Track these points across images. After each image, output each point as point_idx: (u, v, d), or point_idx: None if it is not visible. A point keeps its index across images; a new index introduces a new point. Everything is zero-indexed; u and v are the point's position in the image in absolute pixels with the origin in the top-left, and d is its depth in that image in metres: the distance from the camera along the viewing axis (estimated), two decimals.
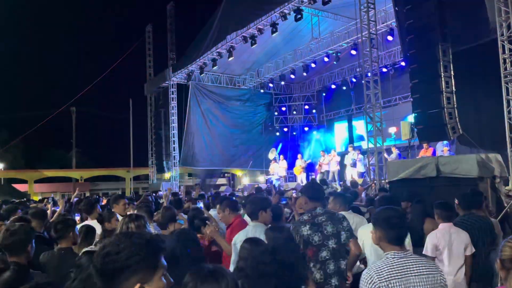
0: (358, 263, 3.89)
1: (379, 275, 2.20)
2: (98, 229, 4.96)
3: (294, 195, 9.36)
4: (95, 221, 5.12)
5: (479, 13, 8.89)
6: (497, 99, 8.10)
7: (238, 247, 2.90)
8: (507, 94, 7.91)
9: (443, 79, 8.54)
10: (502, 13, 7.99)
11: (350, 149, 16.11)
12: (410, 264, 2.25)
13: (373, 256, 3.78)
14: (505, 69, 7.90)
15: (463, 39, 9.36)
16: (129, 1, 57.59)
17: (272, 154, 18.34)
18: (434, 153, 12.10)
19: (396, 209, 2.65)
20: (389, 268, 2.22)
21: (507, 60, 7.89)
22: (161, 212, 5.08)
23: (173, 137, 21.32)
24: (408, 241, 3.89)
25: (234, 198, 6.59)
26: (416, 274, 2.21)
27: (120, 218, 5.20)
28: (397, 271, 2.20)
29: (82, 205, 6.02)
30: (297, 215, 5.06)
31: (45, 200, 13.27)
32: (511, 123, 7.84)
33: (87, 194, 29.52)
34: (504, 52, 7.92)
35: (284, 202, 7.41)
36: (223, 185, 21.74)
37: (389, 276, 2.19)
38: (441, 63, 8.57)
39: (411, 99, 9.67)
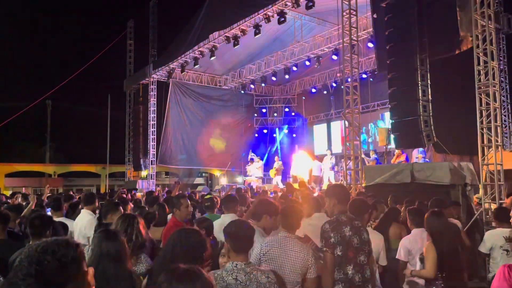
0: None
1: (266, 244, 3.21)
2: (70, 226, 4.87)
3: (273, 195, 9.41)
4: (63, 218, 5.04)
5: (453, 25, 9.13)
6: (471, 108, 8.31)
7: None
8: (480, 104, 8.13)
9: (420, 87, 8.73)
10: (479, 26, 8.20)
11: (327, 152, 16.31)
12: (290, 241, 3.20)
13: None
14: (479, 80, 8.12)
15: (440, 49, 9.60)
16: None
17: (250, 155, 18.43)
18: (407, 159, 12.39)
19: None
20: (274, 240, 3.24)
21: (481, 72, 8.11)
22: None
23: (151, 135, 21.03)
24: (382, 257, 4.04)
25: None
26: (291, 249, 3.15)
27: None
28: (278, 243, 3.19)
29: (49, 201, 5.87)
30: None
31: (16, 195, 12.86)
32: (484, 133, 8.07)
33: (60, 190, 28.79)
34: (479, 64, 8.15)
35: None
36: (200, 184, 21.63)
37: (270, 245, 3.21)
38: (419, 72, 8.77)
39: (389, 106, 9.87)
